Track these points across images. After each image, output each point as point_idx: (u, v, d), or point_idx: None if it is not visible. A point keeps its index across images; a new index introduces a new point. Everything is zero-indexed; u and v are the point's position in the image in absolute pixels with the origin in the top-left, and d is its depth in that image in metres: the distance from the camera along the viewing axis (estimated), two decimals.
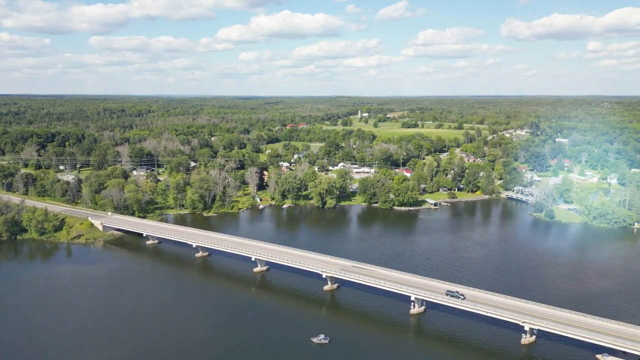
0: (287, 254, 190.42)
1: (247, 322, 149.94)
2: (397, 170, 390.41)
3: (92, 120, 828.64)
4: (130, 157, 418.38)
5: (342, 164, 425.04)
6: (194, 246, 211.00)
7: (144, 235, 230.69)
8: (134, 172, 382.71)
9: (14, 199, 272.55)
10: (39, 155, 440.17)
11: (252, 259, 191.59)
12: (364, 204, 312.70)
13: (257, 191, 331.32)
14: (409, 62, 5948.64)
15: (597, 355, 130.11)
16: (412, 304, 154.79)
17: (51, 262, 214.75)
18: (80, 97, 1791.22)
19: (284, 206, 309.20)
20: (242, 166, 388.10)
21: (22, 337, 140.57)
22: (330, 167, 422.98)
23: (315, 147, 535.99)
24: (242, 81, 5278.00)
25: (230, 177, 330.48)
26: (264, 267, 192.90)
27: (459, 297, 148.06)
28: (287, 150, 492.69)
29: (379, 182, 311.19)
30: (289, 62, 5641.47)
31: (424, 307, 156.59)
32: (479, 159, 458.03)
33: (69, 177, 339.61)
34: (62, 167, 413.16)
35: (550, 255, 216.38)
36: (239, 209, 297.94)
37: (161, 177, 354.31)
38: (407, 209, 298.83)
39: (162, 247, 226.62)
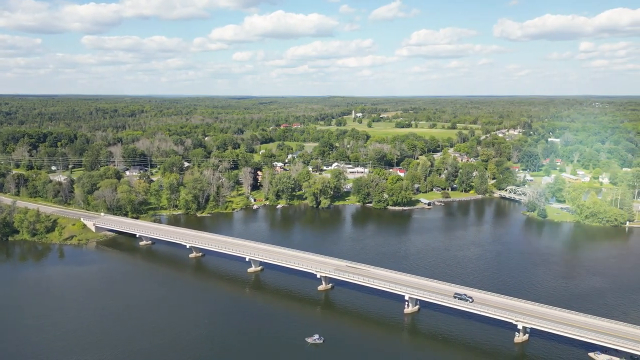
0: (281, 254, 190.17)
1: (241, 322, 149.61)
2: (390, 170, 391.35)
3: (85, 120, 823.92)
4: (123, 157, 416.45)
5: (336, 163, 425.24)
6: (187, 247, 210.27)
7: (137, 236, 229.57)
8: (127, 173, 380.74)
9: (6, 199, 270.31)
10: (31, 155, 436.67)
11: (246, 259, 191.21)
12: (358, 203, 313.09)
13: (251, 191, 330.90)
14: (403, 62, 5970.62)
15: (589, 353, 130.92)
16: (406, 303, 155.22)
17: (43, 263, 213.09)
18: (72, 97, 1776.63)
19: (278, 206, 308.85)
20: (235, 166, 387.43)
21: (14, 339, 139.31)
22: (324, 167, 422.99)
23: (309, 147, 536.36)
24: (235, 81, 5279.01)
25: (224, 177, 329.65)
26: (258, 268, 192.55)
27: (467, 299, 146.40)
28: (281, 150, 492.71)
29: (372, 182, 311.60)
30: (283, 62, 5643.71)
31: (417, 307, 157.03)
32: (472, 159, 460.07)
33: (61, 177, 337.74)
34: (54, 168, 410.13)
35: (542, 254, 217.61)
36: (233, 209, 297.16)
37: (154, 178, 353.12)
38: (400, 208, 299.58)
39: (155, 248, 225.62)
